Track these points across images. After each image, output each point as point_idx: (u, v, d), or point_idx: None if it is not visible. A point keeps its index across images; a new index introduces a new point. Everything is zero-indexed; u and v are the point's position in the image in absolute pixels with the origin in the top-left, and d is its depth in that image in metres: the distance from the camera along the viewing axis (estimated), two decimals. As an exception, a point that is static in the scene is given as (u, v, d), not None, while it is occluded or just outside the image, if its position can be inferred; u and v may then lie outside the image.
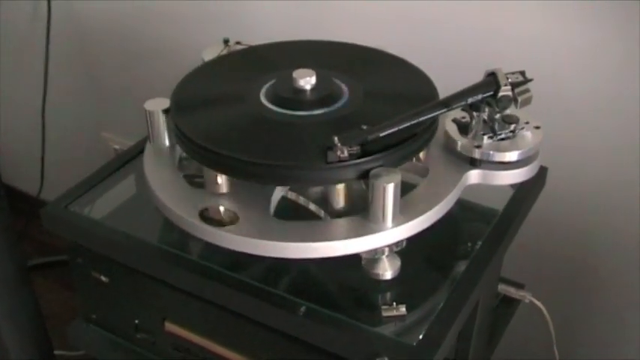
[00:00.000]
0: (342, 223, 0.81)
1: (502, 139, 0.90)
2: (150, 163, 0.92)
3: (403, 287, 0.86)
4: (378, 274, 0.84)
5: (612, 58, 1.09)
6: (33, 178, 1.98)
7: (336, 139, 0.78)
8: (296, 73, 0.89)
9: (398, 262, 0.85)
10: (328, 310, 0.81)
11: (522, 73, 0.89)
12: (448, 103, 0.85)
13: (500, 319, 1.09)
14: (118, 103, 1.75)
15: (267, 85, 0.92)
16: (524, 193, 0.99)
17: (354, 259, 0.83)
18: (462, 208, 0.97)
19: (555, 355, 1.15)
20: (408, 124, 0.82)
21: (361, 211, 0.81)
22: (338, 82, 0.92)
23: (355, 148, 0.78)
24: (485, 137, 0.89)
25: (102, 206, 1.00)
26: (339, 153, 0.77)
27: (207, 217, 0.82)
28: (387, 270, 0.84)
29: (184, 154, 0.91)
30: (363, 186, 0.85)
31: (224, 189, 0.85)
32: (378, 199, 0.78)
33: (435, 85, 0.92)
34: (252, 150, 0.81)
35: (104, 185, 1.03)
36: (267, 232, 0.80)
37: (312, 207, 0.90)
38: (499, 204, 0.99)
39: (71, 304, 1.71)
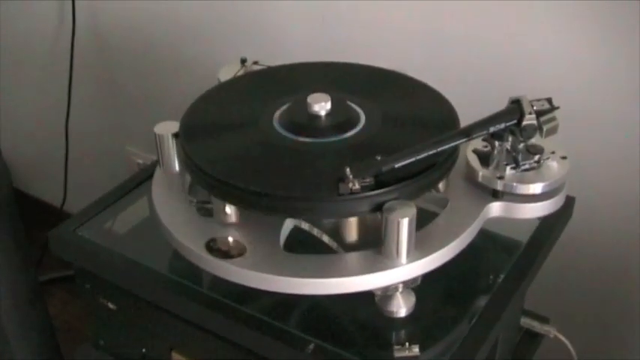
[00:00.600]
0: (354, 258, 0.77)
1: (526, 170, 0.85)
2: (158, 189, 0.89)
3: (418, 325, 0.82)
4: (391, 312, 0.80)
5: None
6: (57, 189, 1.97)
7: (347, 170, 0.74)
8: (310, 98, 0.86)
9: (412, 299, 0.81)
10: (338, 348, 0.78)
11: (549, 100, 0.84)
12: (469, 132, 0.81)
13: (522, 355, 1.04)
14: (143, 117, 1.73)
15: (280, 110, 0.89)
16: (550, 224, 0.95)
17: (367, 294, 0.79)
18: (482, 238, 0.92)
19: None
20: (425, 154, 0.78)
21: (377, 243, 0.77)
22: (354, 106, 0.89)
23: (368, 180, 0.75)
24: (508, 168, 0.85)
25: (112, 230, 0.98)
26: (350, 185, 0.74)
27: (214, 248, 0.79)
28: (401, 307, 0.80)
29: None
30: (379, 216, 0.82)
31: (233, 219, 0.82)
32: (392, 233, 0.74)
33: (456, 111, 0.88)
34: (262, 180, 0.78)
35: (115, 208, 1.00)
36: (275, 266, 0.76)
37: (326, 239, 0.87)
38: (521, 234, 0.94)
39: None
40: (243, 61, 1.10)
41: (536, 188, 0.84)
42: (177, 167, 0.91)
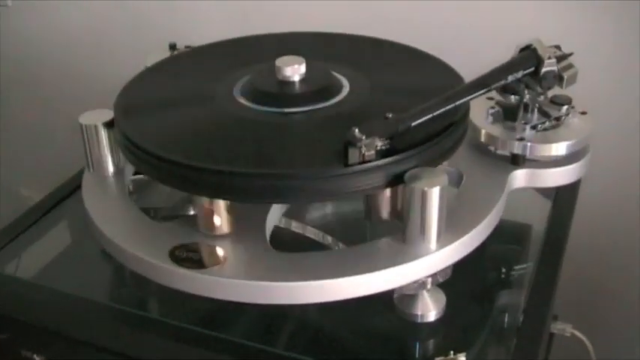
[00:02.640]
0: (364, 250, 0.60)
1: (546, 130, 0.71)
2: (92, 197, 0.68)
3: (449, 329, 0.64)
4: (416, 315, 0.63)
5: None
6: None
7: (356, 131, 0.56)
8: (280, 62, 0.68)
9: (443, 298, 0.64)
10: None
11: (558, 47, 0.70)
12: (486, 82, 0.65)
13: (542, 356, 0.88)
14: (38, 152, 1.49)
15: (241, 82, 0.70)
16: (565, 202, 0.80)
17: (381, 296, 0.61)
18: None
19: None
20: (443, 109, 0.61)
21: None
22: (334, 73, 0.71)
23: (385, 142, 0.57)
24: (528, 127, 0.70)
25: (27, 263, 0.75)
26: (363, 150, 0.56)
27: (180, 257, 0.59)
28: (430, 309, 0.63)
29: (138, 179, 0.69)
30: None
31: (206, 221, 0.62)
32: (418, 210, 0.57)
33: (461, 76, 0.72)
34: (240, 159, 0.59)
35: (27, 237, 0.78)
36: (267, 272, 0.57)
37: (313, 234, 0.69)
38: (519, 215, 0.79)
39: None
40: (173, 47, 0.91)
41: (560, 148, 0.69)
42: (111, 167, 0.71)
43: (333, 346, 0.63)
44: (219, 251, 0.59)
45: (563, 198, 0.80)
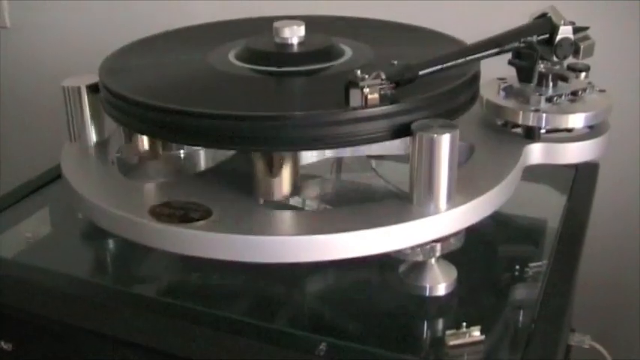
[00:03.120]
0: (366, 208, 0.54)
1: (561, 104, 0.66)
2: (71, 165, 0.63)
3: (460, 305, 0.58)
4: (425, 288, 0.56)
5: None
6: None
7: (358, 72, 0.52)
8: (278, 24, 0.64)
9: (454, 271, 0.57)
10: (358, 344, 0.52)
11: (572, 23, 0.66)
12: (499, 42, 0.61)
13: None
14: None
15: (236, 49, 0.66)
16: (581, 195, 0.74)
17: (383, 267, 0.55)
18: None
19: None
20: (453, 62, 0.57)
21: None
22: (334, 41, 0.67)
23: (390, 87, 0.52)
24: (543, 99, 0.65)
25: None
26: (366, 92, 0.51)
27: (161, 214, 0.53)
28: (440, 281, 0.56)
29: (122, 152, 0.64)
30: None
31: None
32: (425, 163, 0.51)
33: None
34: (234, 105, 0.54)
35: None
36: (257, 226, 0.52)
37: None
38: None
39: None
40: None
41: (577, 120, 0.64)
42: (94, 136, 0.65)
43: (330, 320, 0.57)
44: (204, 208, 0.54)
45: (579, 192, 0.75)
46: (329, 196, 0.65)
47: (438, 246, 0.55)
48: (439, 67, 0.56)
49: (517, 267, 0.64)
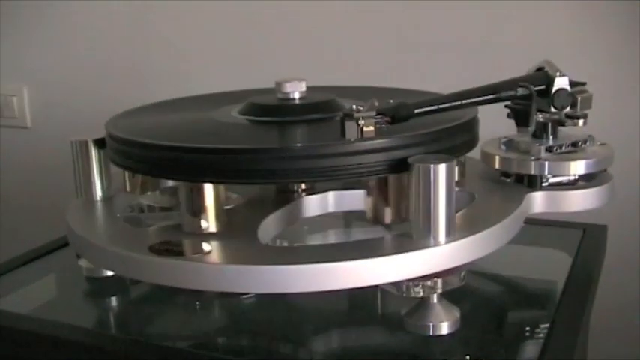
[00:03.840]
0: (364, 242, 0.54)
1: (561, 154, 0.66)
2: (76, 215, 0.64)
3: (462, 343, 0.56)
4: (428, 327, 0.55)
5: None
6: None
7: (354, 106, 0.53)
8: (280, 79, 0.66)
9: (456, 311, 0.56)
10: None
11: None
12: (496, 89, 0.62)
13: None
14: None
15: (240, 106, 0.68)
16: (587, 259, 0.73)
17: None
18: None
19: None
20: (449, 103, 0.58)
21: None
22: (337, 98, 0.68)
23: (385, 120, 0.53)
24: (543, 149, 0.66)
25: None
26: (361, 123, 0.52)
27: (161, 250, 0.54)
28: (442, 319, 0.55)
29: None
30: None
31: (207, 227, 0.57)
32: (424, 195, 0.52)
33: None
34: (231, 141, 0.55)
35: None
36: (253, 258, 0.51)
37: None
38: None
39: None
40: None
41: (578, 168, 0.65)
42: (99, 191, 0.66)
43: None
44: (203, 244, 0.54)
45: (585, 253, 0.74)
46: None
47: (439, 283, 0.54)
48: (435, 107, 0.57)
49: (526, 328, 0.62)
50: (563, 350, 0.55)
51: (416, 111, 0.55)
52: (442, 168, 0.51)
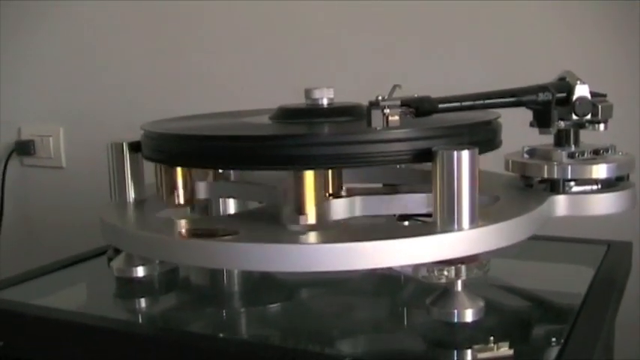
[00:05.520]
0: (387, 224, 0.55)
1: (585, 160, 0.68)
2: (109, 211, 0.66)
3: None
4: (452, 314, 0.55)
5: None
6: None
7: (379, 96, 0.55)
8: (308, 87, 0.68)
9: (480, 300, 0.57)
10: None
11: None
12: (517, 93, 0.64)
13: None
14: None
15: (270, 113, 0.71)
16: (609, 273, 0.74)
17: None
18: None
19: None
20: (471, 102, 0.60)
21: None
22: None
23: (410, 111, 0.55)
24: (564, 155, 0.67)
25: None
26: (387, 112, 0.54)
27: (191, 233, 0.55)
28: (466, 306, 0.56)
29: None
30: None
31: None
32: (448, 181, 0.53)
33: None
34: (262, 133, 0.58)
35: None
36: (281, 237, 0.53)
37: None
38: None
39: None
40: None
41: (600, 171, 0.66)
42: (132, 193, 0.69)
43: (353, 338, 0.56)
44: (231, 229, 0.55)
45: (607, 268, 0.74)
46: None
47: (462, 269, 0.55)
48: (458, 104, 0.59)
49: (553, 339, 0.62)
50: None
51: (440, 106, 0.57)
52: (466, 154, 0.53)
